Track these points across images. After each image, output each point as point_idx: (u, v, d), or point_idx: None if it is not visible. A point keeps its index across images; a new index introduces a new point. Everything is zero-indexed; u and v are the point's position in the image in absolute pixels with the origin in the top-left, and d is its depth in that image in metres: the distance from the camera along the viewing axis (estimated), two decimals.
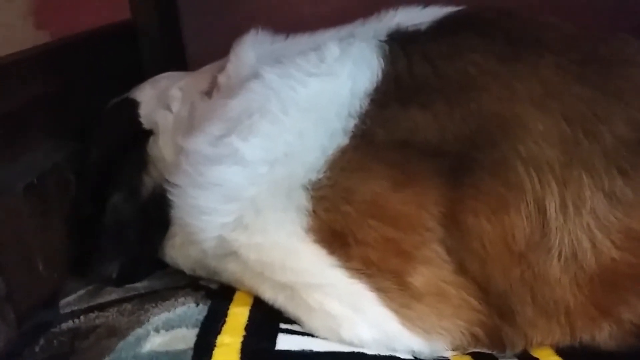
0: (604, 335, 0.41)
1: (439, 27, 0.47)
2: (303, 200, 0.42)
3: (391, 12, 0.51)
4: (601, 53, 0.45)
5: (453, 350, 0.42)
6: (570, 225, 0.40)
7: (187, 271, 0.52)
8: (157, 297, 0.47)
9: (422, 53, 0.45)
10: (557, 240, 0.40)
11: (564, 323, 0.41)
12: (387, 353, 0.41)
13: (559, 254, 0.40)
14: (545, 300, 0.41)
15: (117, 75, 0.70)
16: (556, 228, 0.40)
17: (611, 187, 0.40)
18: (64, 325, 0.45)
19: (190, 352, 0.39)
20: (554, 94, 0.42)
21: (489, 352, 0.43)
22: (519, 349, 0.42)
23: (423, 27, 0.47)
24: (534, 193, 0.40)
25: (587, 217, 0.40)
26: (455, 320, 0.41)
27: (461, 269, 0.41)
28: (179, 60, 0.82)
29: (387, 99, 0.44)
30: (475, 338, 0.42)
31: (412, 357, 0.42)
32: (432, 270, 0.41)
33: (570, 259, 0.40)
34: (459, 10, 0.49)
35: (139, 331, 0.42)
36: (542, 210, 0.40)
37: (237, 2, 0.81)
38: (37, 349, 0.43)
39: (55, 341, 0.43)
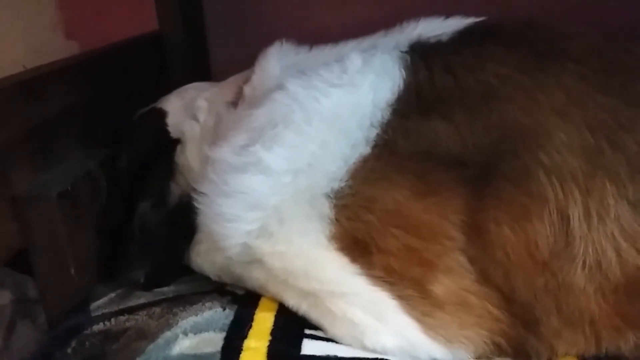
0: (629, 345, 0.41)
1: (461, 38, 0.48)
2: (326, 208, 0.43)
3: (412, 24, 0.51)
4: (625, 62, 0.45)
5: (476, 359, 0.42)
6: (594, 234, 0.40)
7: (213, 277, 0.53)
8: (184, 301, 0.48)
9: (443, 64, 0.45)
10: (581, 249, 0.40)
11: (589, 333, 0.41)
12: None
13: (583, 263, 0.40)
14: (570, 309, 0.41)
15: (144, 85, 0.73)
16: (580, 237, 0.40)
17: (636, 196, 0.40)
18: (95, 328, 0.46)
19: (218, 355, 0.40)
20: (577, 104, 0.42)
21: None
22: (544, 359, 0.42)
23: (444, 38, 0.48)
24: (557, 202, 0.40)
25: (611, 226, 0.40)
26: (477, 329, 0.42)
27: (484, 278, 0.42)
28: (203, 70, 0.84)
29: (408, 109, 0.44)
30: (498, 348, 0.42)
31: None
32: (454, 280, 0.42)
33: (595, 268, 0.40)
34: (481, 21, 0.50)
35: (168, 334, 0.43)
36: (565, 219, 0.40)
37: (262, 14, 0.82)
38: (69, 350, 0.45)
39: (87, 343, 0.45)
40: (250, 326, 0.44)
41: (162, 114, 0.59)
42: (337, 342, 0.43)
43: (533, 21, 0.49)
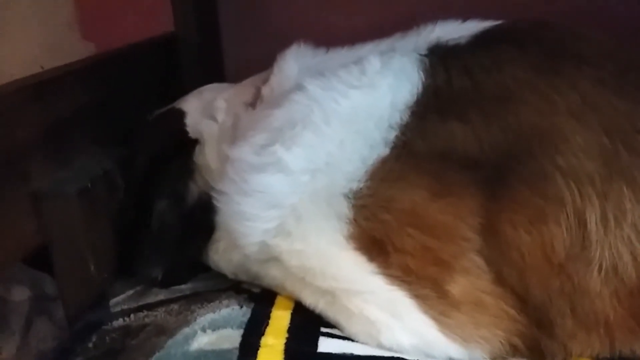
0: None
1: (478, 41, 0.48)
2: (344, 208, 0.44)
3: (430, 26, 0.52)
4: (638, 66, 0.46)
5: (492, 359, 0.43)
6: (610, 238, 0.40)
7: (229, 275, 0.53)
8: (202, 298, 0.49)
9: (461, 66, 0.46)
10: (598, 252, 0.40)
11: (604, 335, 0.41)
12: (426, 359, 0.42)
13: (599, 267, 0.40)
14: (585, 312, 0.41)
15: (159, 85, 0.74)
16: (596, 241, 0.40)
17: None
18: (115, 323, 0.47)
19: (236, 352, 0.41)
20: (593, 107, 0.42)
21: None
22: (558, 359, 0.42)
23: (463, 41, 0.48)
24: (574, 205, 0.40)
25: (627, 230, 0.40)
26: (493, 329, 0.42)
27: (500, 279, 0.42)
28: (217, 72, 0.85)
29: (427, 111, 0.45)
30: (514, 348, 0.42)
31: None
32: (470, 280, 0.42)
33: (611, 271, 0.40)
34: (498, 24, 0.50)
35: (187, 330, 0.44)
36: (582, 223, 0.40)
37: (275, 17, 0.83)
38: (90, 345, 0.46)
39: (107, 338, 0.46)
40: (267, 324, 0.44)
41: (180, 114, 0.59)
42: (353, 340, 0.43)
43: (549, 24, 0.50)
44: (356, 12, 0.81)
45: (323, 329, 0.44)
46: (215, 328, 0.44)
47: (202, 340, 0.43)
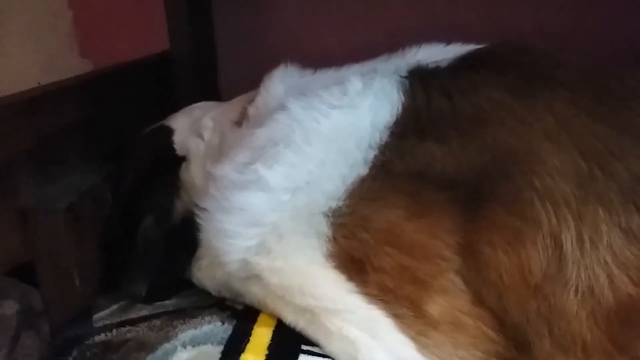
0: None
1: (458, 64, 0.49)
2: (323, 226, 0.44)
3: (414, 49, 0.53)
4: (615, 89, 0.46)
5: None
6: (587, 259, 0.40)
7: (213, 292, 0.54)
8: (184, 314, 0.49)
9: (440, 88, 0.46)
10: (574, 274, 0.40)
11: (581, 358, 0.41)
12: None
13: (576, 288, 0.40)
14: (562, 334, 0.41)
15: (153, 103, 0.75)
16: (573, 262, 0.40)
17: (628, 223, 0.40)
18: (97, 338, 0.47)
19: None
20: (569, 130, 0.43)
21: None
22: None
23: (443, 64, 0.49)
24: (550, 226, 0.41)
25: (603, 252, 0.40)
26: (472, 350, 0.42)
27: (478, 299, 0.42)
28: (212, 90, 0.86)
29: (406, 131, 0.46)
30: None
31: None
32: (448, 300, 0.42)
33: (587, 293, 0.40)
34: (479, 48, 0.51)
35: (167, 346, 0.44)
36: (558, 244, 0.40)
37: (269, 37, 0.85)
38: (70, 359, 0.46)
39: (87, 353, 0.46)
40: (248, 340, 0.44)
41: (169, 132, 0.60)
42: (332, 359, 0.44)
43: (526, 48, 0.51)
44: (352, 32, 0.82)
45: (304, 347, 0.44)
46: (195, 344, 0.44)
47: (182, 356, 0.43)
